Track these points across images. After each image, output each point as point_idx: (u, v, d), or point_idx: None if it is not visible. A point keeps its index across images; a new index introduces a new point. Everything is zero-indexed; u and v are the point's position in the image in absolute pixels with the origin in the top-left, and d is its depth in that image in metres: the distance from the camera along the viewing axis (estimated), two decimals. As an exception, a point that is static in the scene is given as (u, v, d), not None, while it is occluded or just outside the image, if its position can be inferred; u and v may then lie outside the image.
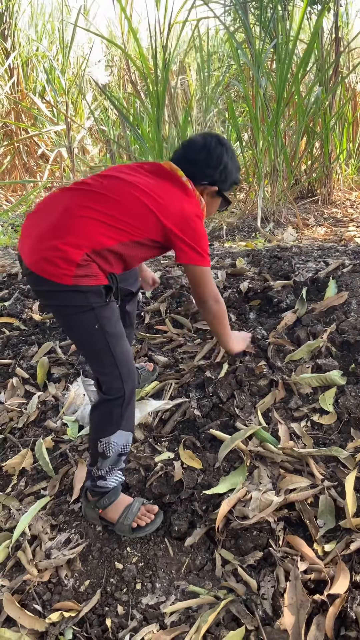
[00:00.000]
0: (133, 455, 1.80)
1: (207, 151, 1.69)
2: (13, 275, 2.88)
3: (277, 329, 2.13)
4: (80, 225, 1.49)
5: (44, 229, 1.50)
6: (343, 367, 1.94)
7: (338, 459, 1.67)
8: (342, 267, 2.33)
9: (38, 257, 1.47)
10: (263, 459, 1.70)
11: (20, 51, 6.77)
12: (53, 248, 1.45)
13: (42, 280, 1.48)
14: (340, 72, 5.02)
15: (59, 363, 2.26)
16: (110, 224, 1.51)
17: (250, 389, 1.93)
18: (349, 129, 5.58)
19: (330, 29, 5.00)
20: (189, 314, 2.34)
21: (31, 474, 1.86)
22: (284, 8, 4.93)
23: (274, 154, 4.41)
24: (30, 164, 7.05)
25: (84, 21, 6.82)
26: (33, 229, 1.54)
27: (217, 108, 6.07)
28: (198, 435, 1.84)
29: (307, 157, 5.22)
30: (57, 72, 6.72)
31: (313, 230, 4.39)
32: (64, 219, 1.50)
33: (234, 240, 4.03)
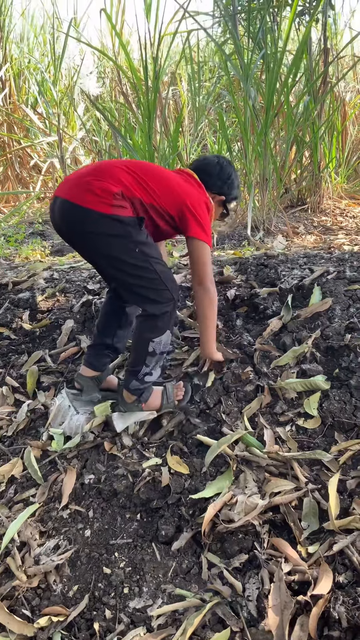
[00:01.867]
0: (121, 461, 1.82)
1: (220, 167, 2.06)
2: (3, 286, 2.90)
3: (263, 335, 2.16)
4: (116, 173, 1.78)
5: (83, 173, 1.79)
6: (327, 372, 1.97)
7: (322, 462, 1.69)
8: (326, 274, 2.37)
9: (79, 189, 1.73)
10: (249, 463, 1.73)
11: (12, 63, 6.83)
12: (93, 181, 1.73)
13: (84, 212, 1.70)
14: (329, 81, 5.10)
15: (49, 372, 2.28)
16: (140, 182, 1.80)
17: (237, 394, 1.96)
18: (338, 137, 5.65)
19: (318, 39, 5.08)
20: (177, 322, 2.36)
21: (20, 482, 1.88)
22: (273, 19, 5.02)
23: (264, 164, 4.46)
24: (23, 175, 7.09)
25: (75, 33, 6.89)
26: (70, 179, 1.81)
27: (208, 119, 6.13)
28: (185, 440, 1.86)
29: (297, 166, 5.28)
30: (49, 83, 6.78)
31: (303, 239, 4.43)
32: (101, 167, 1.80)
33: (223, 248, 4.07)
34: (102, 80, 8.07)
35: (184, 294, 2.52)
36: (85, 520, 1.70)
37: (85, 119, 7.26)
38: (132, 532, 1.65)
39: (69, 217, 1.76)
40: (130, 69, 5.09)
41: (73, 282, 2.77)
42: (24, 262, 3.62)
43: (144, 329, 1.86)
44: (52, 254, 4.28)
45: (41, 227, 5.26)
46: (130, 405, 1.95)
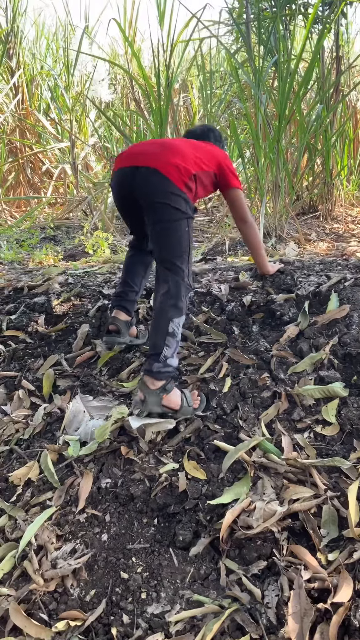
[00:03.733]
0: (138, 466, 1.82)
1: (212, 132, 2.53)
2: (19, 290, 2.92)
3: (280, 342, 2.16)
4: (187, 153, 2.12)
5: (161, 150, 2.10)
6: (345, 379, 1.96)
7: (341, 470, 1.68)
8: (343, 281, 2.37)
9: (165, 162, 2.03)
10: (267, 470, 1.72)
11: (25, 70, 6.88)
12: (178, 160, 2.05)
13: (164, 180, 2.01)
14: (341, 90, 5.11)
15: (65, 375, 2.29)
16: (196, 156, 2.16)
17: (254, 400, 1.96)
18: (350, 145, 5.65)
19: (331, 47, 5.10)
20: (193, 327, 2.37)
21: (37, 485, 1.88)
22: (286, 27, 5.04)
23: (276, 171, 4.47)
24: (35, 181, 7.13)
25: (88, 40, 6.94)
26: (141, 153, 2.12)
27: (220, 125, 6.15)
28: (202, 446, 1.86)
29: (309, 173, 5.29)
30: (61, 90, 6.83)
31: (315, 245, 4.43)
32: (173, 147, 2.13)
33: (236, 255, 4.08)
34: (114, 87, 8.12)
35: (200, 300, 2.52)
36: (102, 524, 1.70)
37: (97, 125, 7.30)
38: (149, 537, 1.64)
39: (151, 183, 2.05)
40: (143, 77, 5.13)
41: (88, 287, 2.78)
42: (37, 267, 3.64)
43: (166, 309, 2.01)
44: (65, 258, 4.30)
45: (53, 232, 5.28)
46: (151, 392, 1.94)
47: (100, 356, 2.32)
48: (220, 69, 7.46)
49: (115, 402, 2.09)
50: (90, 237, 4.43)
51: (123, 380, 2.20)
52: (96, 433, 1.91)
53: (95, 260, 3.76)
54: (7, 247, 4.39)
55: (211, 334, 2.30)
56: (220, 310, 2.44)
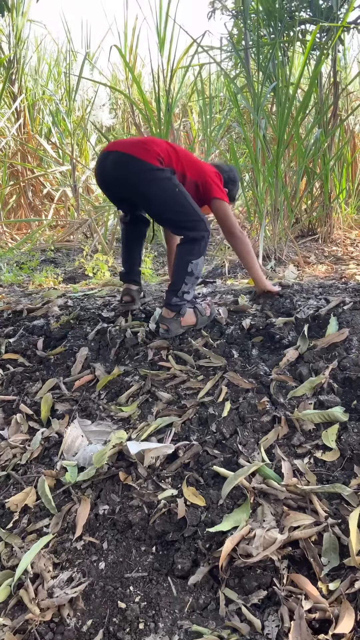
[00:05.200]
0: (136, 492, 1.80)
1: (228, 171, 2.76)
2: (18, 312, 2.92)
3: (279, 365, 2.15)
4: (162, 145, 2.44)
5: (135, 140, 2.47)
6: (345, 403, 1.95)
7: (342, 496, 1.66)
8: (342, 305, 2.37)
9: (136, 148, 2.36)
10: (266, 496, 1.70)
11: (27, 95, 6.98)
12: (145, 144, 2.39)
13: (141, 162, 2.33)
14: (339, 114, 5.17)
15: (63, 399, 2.27)
16: (175, 155, 2.46)
17: (254, 425, 1.94)
18: (348, 169, 5.70)
19: (328, 73, 5.18)
20: (192, 350, 2.36)
21: (34, 511, 1.86)
22: (284, 54, 5.12)
23: (275, 194, 4.51)
24: (36, 203, 7.19)
25: (89, 66, 7.06)
26: (124, 142, 2.46)
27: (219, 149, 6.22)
28: (201, 471, 1.84)
29: (307, 196, 5.33)
30: (62, 114, 6.92)
31: (314, 268, 4.45)
32: (149, 139, 2.48)
33: (235, 277, 4.09)
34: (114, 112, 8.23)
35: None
36: (100, 552, 1.67)
37: (98, 149, 7.37)
38: (148, 565, 1.61)
39: (128, 165, 2.36)
40: (143, 102, 5.19)
41: (87, 310, 2.77)
42: (37, 289, 3.64)
43: (185, 252, 2.42)
44: (65, 281, 4.31)
45: (53, 255, 5.30)
46: (170, 320, 2.44)
47: (99, 380, 2.31)
48: (219, 94, 7.57)
49: (113, 426, 2.08)
50: (90, 259, 4.44)
51: (122, 404, 2.18)
52: (94, 458, 1.89)
53: (95, 282, 3.77)
54: (7, 269, 4.40)
55: (210, 357, 2.29)
56: (220, 333, 2.43)
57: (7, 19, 6.60)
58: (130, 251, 2.87)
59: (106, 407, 2.16)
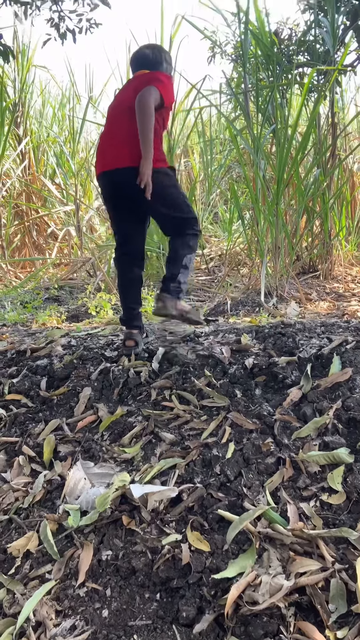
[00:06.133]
0: (139, 537, 1.77)
1: (162, 56, 2.77)
2: (22, 352, 2.92)
3: (283, 405, 2.14)
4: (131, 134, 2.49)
5: (118, 142, 2.58)
6: (350, 444, 1.94)
7: (348, 541, 1.64)
8: (345, 344, 2.37)
9: (133, 155, 2.47)
10: (272, 541, 1.67)
11: (32, 137, 7.15)
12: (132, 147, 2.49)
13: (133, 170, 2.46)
14: (337, 154, 5.28)
15: (66, 440, 2.26)
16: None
17: (258, 467, 1.92)
18: (348, 207, 5.79)
19: (327, 114, 5.30)
20: (195, 390, 2.36)
21: (36, 557, 1.83)
22: (282, 96, 5.26)
23: (276, 232, 4.57)
24: (40, 242, 7.28)
25: (93, 109, 7.24)
26: (113, 156, 2.60)
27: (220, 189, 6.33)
28: (206, 515, 1.81)
29: (308, 234, 5.39)
30: (67, 156, 7.07)
31: (316, 305, 4.47)
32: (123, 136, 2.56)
33: (238, 315, 4.11)
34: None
35: (202, 362, 2.53)
36: (103, 599, 1.64)
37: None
38: (152, 612, 1.58)
39: (128, 177, 2.50)
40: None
41: (91, 350, 2.78)
42: (41, 328, 3.66)
43: (181, 248, 2.64)
44: (68, 319, 4.33)
45: (57, 292, 5.34)
46: (167, 298, 2.61)
47: (102, 420, 2.30)
48: (220, 135, 7.74)
49: (116, 468, 2.06)
50: (93, 298, 4.47)
51: (125, 445, 2.17)
52: (97, 502, 1.87)
53: (98, 321, 3.79)
54: (12, 308, 4.43)
55: (214, 397, 2.29)
56: (223, 373, 2.43)
57: (13, 64, 6.81)
58: (129, 294, 2.87)
59: (109, 449, 2.15)
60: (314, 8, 5.35)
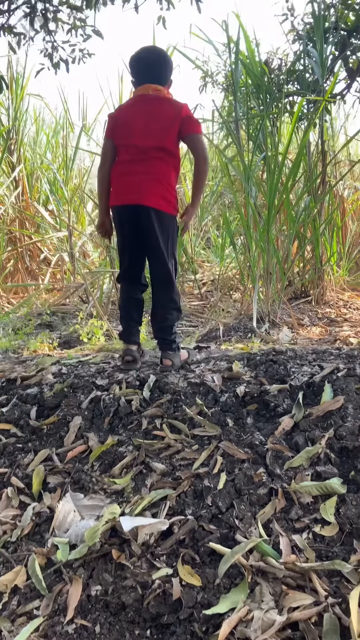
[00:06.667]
0: (129, 571, 1.74)
1: (166, 67, 2.70)
2: (12, 381, 2.90)
3: (275, 435, 2.13)
4: (164, 168, 2.64)
5: (147, 180, 2.61)
6: (343, 474, 1.92)
7: (341, 573, 1.61)
8: (336, 371, 2.37)
9: (155, 195, 2.59)
10: (265, 575, 1.64)
11: (26, 164, 7.21)
12: (164, 189, 2.61)
13: (158, 213, 2.59)
14: (328, 181, 5.34)
15: (55, 471, 2.22)
16: (170, 152, 2.65)
17: (250, 498, 1.90)
18: (338, 233, 5.84)
19: (317, 142, 5.38)
20: (186, 419, 2.34)
21: (24, 592, 1.79)
22: (273, 124, 5.34)
23: (267, 258, 4.59)
24: (33, 268, 7.29)
25: (86, 137, 7.32)
26: (135, 187, 2.61)
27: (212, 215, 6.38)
28: (197, 548, 1.78)
29: (299, 259, 5.43)
30: (60, 183, 7.13)
31: (308, 330, 4.47)
32: (155, 170, 2.61)
33: (230, 341, 4.10)
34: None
35: (193, 390, 2.51)
36: (92, 636, 1.60)
37: (95, 215, 7.55)
38: (142, 651, 1.54)
39: (150, 219, 2.61)
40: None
41: (81, 378, 2.76)
42: (32, 355, 3.64)
43: (174, 299, 2.79)
44: (60, 345, 4.31)
45: (49, 318, 5.33)
46: (173, 355, 2.79)
47: (93, 450, 2.27)
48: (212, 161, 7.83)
49: (106, 500, 2.03)
50: (85, 324, 4.46)
51: (115, 476, 2.14)
52: (86, 535, 1.84)
53: (89, 348, 3.77)
54: (3, 334, 4.41)
55: (205, 426, 2.27)
56: (214, 401, 2.42)
57: (7, 92, 6.89)
58: (130, 312, 2.93)
59: (99, 480, 2.12)
60: (303, 39, 5.48)
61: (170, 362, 2.74)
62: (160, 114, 2.57)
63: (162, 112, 2.57)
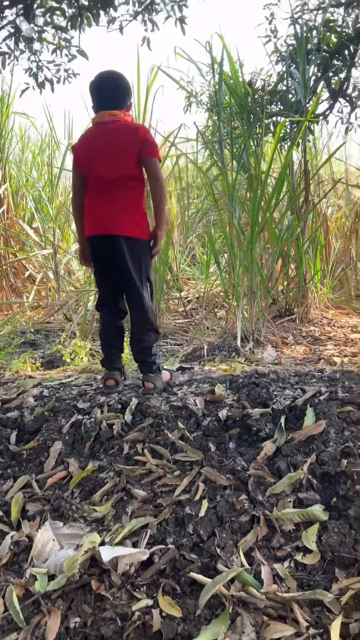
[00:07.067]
0: (109, 602, 1.70)
1: (124, 92, 2.70)
2: (-7, 404, 2.86)
3: (257, 460, 2.11)
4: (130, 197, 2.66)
5: (116, 210, 2.63)
6: (325, 500, 1.90)
7: (323, 603, 1.59)
8: (318, 395, 2.36)
9: (125, 223, 2.62)
10: (246, 605, 1.62)
11: (11, 182, 7.20)
12: (132, 215, 2.64)
13: (129, 241, 2.61)
14: (311, 199, 5.39)
15: (35, 499, 2.18)
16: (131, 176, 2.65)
17: (232, 525, 1.88)
18: (322, 251, 5.88)
19: (300, 161, 5.44)
20: (168, 443, 2.32)
21: (1, 625, 1.74)
22: (257, 144, 5.39)
23: (251, 277, 4.60)
24: (17, 285, 7.25)
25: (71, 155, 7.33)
26: (107, 219, 2.63)
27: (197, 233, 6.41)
28: (178, 578, 1.75)
29: (284, 278, 5.45)
30: (45, 201, 7.12)
31: (292, 349, 4.48)
32: (121, 199, 2.63)
33: (214, 360, 4.09)
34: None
35: (175, 414, 2.49)
36: (70, 672, 1.56)
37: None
38: None
39: (124, 253, 2.62)
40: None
41: (63, 401, 2.73)
42: (14, 376, 3.60)
43: (150, 321, 2.74)
44: (43, 365, 4.27)
45: (33, 336, 5.29)
46: (155, 377, 2.77)
47: (73, 476, 2.24)
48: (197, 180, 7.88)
49: (86, 528, 1.99)
50: (69, 344, 4.43)
51: (95, 503, 2.10)
52: (65, 565, 1.80)
53: (72, 369, 3.74)
54: (-15, 354, 4.37)
55: (187, 451, 2.24)
56: (196, 425, 2.40)
57: (-7, 111, 6.91)
58: (110, 340, 2.93)
59: (79, 507, 2.09)
60: (286, 60, 5.56)
61: (152, 384, 2.74)
62: (119, 142, 2.59)
63: (121, 139, 2.59)
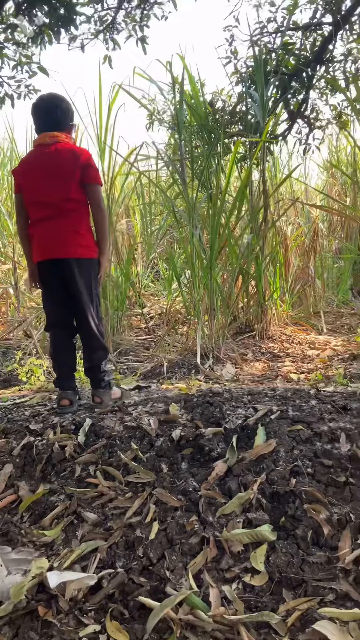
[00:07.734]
0: (56, 629, 1.68)
1: (65, 114, 2.73)
2: None
3: (208, 480, 2.11)
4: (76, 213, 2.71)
5: (63, 232, 2.68)
6: (273, 520, 1.92)
7: (270, 625, 1.60)
8: (270, 414, 2.39)
9: (72, 245, 2.68)
10: (194, 628, 1.62)
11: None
12: (78, 234, 2.69)
13: (78, 262, 2.68)
14: (270, 217, 5.48)
15: (-16, 523, 2.14)
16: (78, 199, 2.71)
17: (182, 547, 1.87)
18: (281, 268, 5.96)
19: (259, 181, 5.53)
20: (121, 465, 2.30)
21: None
22: (218, 163, 5.46)
23: (210, 294, 4.64)
24: (-24, 301, 7.13)
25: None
26: (52, 244, 2.69)
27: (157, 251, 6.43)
28: (127, 602, 1.74)
29: (243, 295, 5.50)
30: (5, 216, 7.05)
31: (251, 366, 4.52)
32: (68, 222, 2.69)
33: (174, 377, 4.10)
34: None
35: (129, 434, 2.48)
36: None
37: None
38: None
39: (76, 276, 2.69)
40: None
41: (15, 422, 2.69)
42: (-32, 397, 3.53)
43: (98, 338, 2.77)
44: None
45: (-9, 353, 5.20)
46: (103, 392, 2.84)
47: (23, 500, 2.20)
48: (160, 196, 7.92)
49: (35, 553, 1.96)
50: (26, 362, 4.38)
51: (45, 527, 2.07)
52: (12, 592, 1.77)
53: (28, 388, 3.69)
54: None
55: (139, 472, 2.23)
56: (150, 445, 2.39)
57: None
58: (61, 358, 2.92)
59: (28, 532, 2.05)
60: (245, 81, 5.67)
61: (100, 399, 2.81)
62: (60, 165, 2.60)
63: (62, 163, 2.60)
